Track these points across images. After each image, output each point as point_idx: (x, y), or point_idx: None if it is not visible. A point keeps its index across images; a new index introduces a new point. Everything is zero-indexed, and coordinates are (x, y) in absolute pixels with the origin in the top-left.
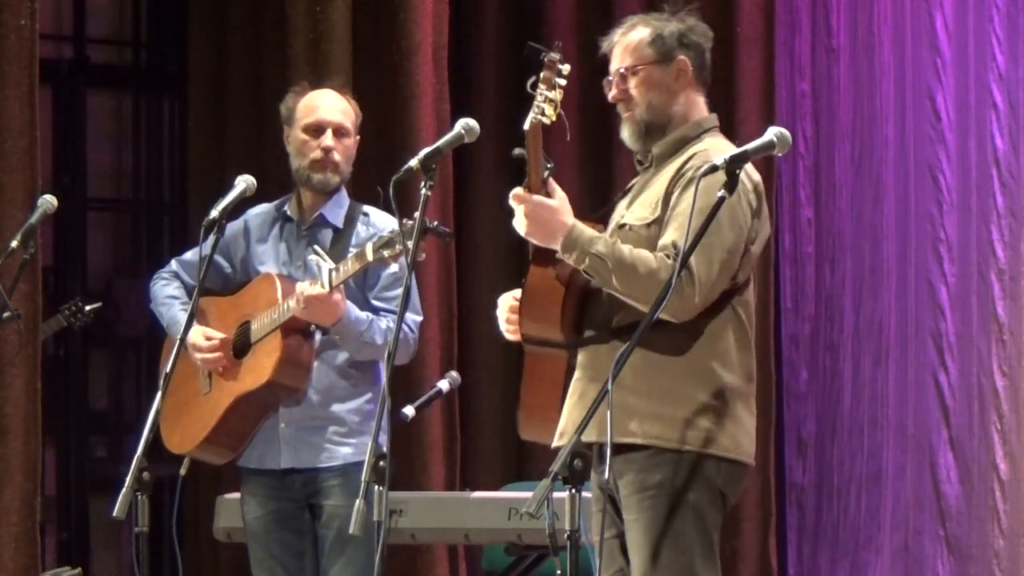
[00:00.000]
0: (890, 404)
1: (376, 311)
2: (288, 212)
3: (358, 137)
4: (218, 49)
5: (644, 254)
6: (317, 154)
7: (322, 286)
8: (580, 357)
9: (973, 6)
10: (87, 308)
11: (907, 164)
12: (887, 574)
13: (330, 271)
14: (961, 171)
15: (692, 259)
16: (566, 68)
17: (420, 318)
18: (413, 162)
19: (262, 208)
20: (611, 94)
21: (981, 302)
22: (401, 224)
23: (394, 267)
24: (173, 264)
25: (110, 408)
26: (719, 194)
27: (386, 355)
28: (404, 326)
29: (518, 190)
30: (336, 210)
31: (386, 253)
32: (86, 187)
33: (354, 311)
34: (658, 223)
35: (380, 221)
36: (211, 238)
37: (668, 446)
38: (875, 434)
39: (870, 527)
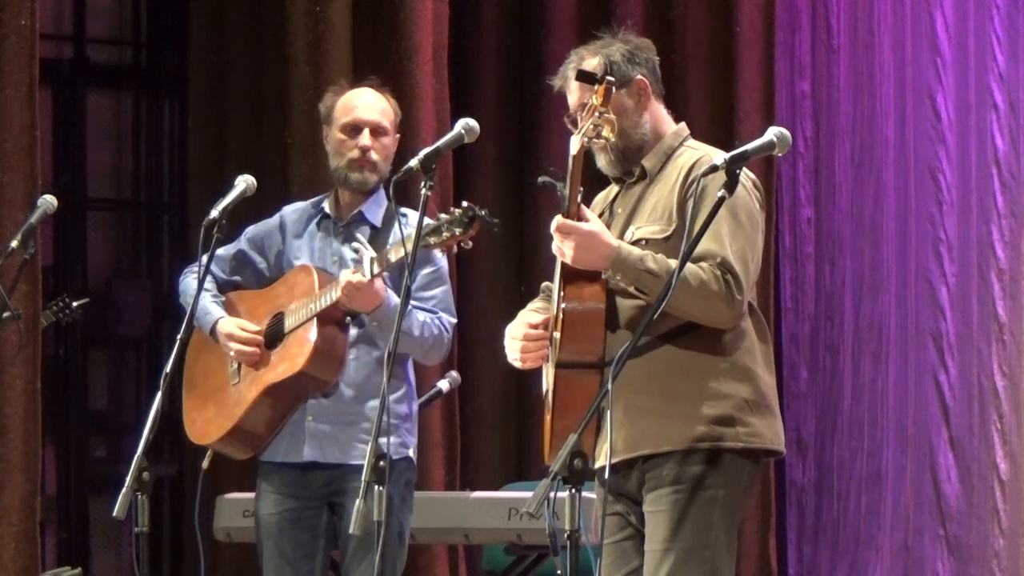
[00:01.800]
0: (890, 404)
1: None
2: (326, 209)
3: (398, 135)
4: (218, 49)
5: (691, 266)
6: (355, 153)
7: (363, 274)
8: (614, 372)
9: (973, 6)
10: (74, 304)
11: (907, 164)
12: (887, 574)
13: (371, 259)
14: (961, 171)
15: (735, 264)
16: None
17: (455, 320)
18: (413, 162)
19: (298, 205)
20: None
21: (981, 302)
22: (450, 211)
23: (440, 258)
24: (204, 258)
25: (110, 408)
26: (719, 194)
27: (386, 353)
28: (440, 327)
29: (563, 220)
30: (375, 209)
31: (432, 240)
32: (86, 187)
33: (394, 298)
34: (678, 235)
35: (415, 219)
36: (213, 240)
37: (716, 446)
38: (875, 434)
39: (870, 527)
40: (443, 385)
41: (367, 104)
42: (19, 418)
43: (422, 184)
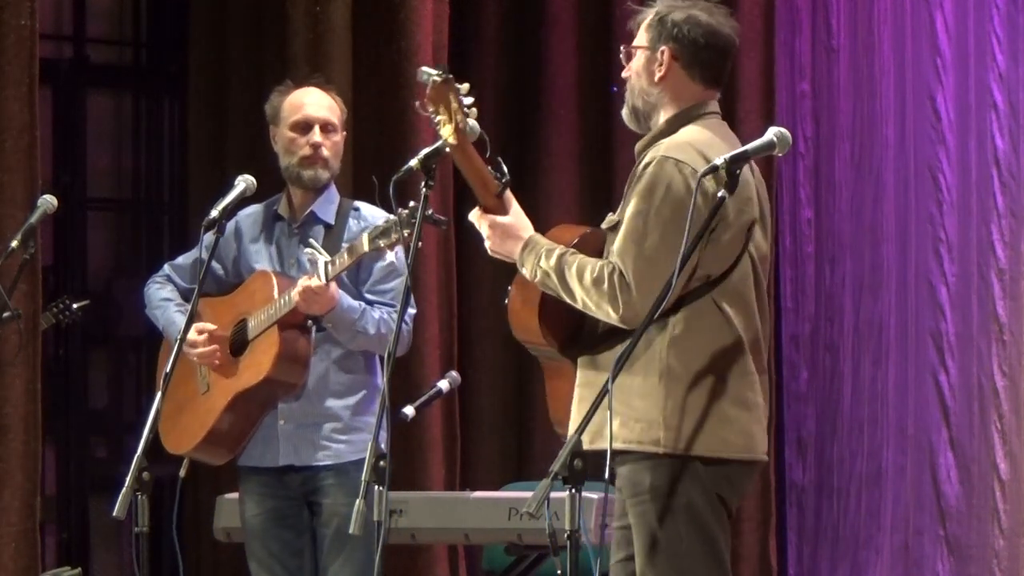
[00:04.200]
0: (890, 404)
1: (370, 304)
2: (279, 211)
3: (345, 133)
4: (218, 49)
5: (588, 265)
6: (306, 151)
7: (318, 279)
8: (579, 362)
9: (973, 6)
10: (75, 306)
11: (907, 164)
12: (887, 574)
13: (326, 263)
14: (961, 171)
15: (627, 263)
16: (464, 87)
17: (415, 310)
18: (413, 162)
19: (252, 209)
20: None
21: (981, 302)
22: (397, 213)
23: (390, 256)
24: (166, 268)
25: (110, 408)
26: (719, 194)
27: (386, 354)
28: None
29: (475, 211)
30: (327, 206)
31: (382, 243)
32: (86, 187)
33: (347, 300)
34: (620, 224)
35: (371, 214)
36: (210, 238)
37: (646, 449)
38: (875, 434)
39: (870, 527)
40: (443, 385)
41: (315, 102)
42: (19, 418)
43: (422, 184)
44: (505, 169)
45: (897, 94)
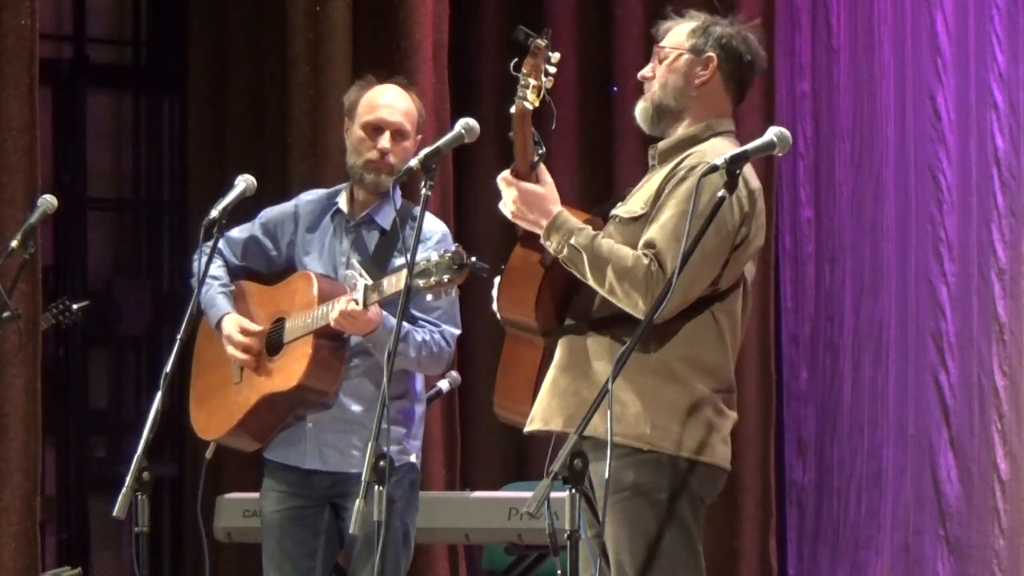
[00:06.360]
0: (890, 404)
1: (415, 320)
2: (340, 205)
3: (419, 137)
4: (218, 49)
5: (623, 252)
6: (373, 155)
7: (356, 302)
8: (559, 346)
9: (973, 6)
10: (75, 307)
11: (907, 164)
12: (887, 574)
13: (366, 287)
14: (961, 171)
15: (668, 259)
16: (555, 56)
17: (459, 331)
18: (413, 162)
19: (314, 195)
20: (641, 71)
21: (981, 302)
22: (440, 256)
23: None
24: (219, 240)
25: (110, 408)
26: (719, 194)
27: (385, 355)
28: (442, 339)
29: (506, 173)
30: (386, 210)
31: (420, 283)
32: (86, 187)
33: (390, 322)
34: (645, 219)
35: (427, 226)
36: (213, 239)
37: (631, 444)
38: (875, 434)
39: (870, 527)
40: (443, 385)
41: (391, 104)
42: (19, 418)
43: (422, 184)
44: (542, 143)
45: (897, 94)
